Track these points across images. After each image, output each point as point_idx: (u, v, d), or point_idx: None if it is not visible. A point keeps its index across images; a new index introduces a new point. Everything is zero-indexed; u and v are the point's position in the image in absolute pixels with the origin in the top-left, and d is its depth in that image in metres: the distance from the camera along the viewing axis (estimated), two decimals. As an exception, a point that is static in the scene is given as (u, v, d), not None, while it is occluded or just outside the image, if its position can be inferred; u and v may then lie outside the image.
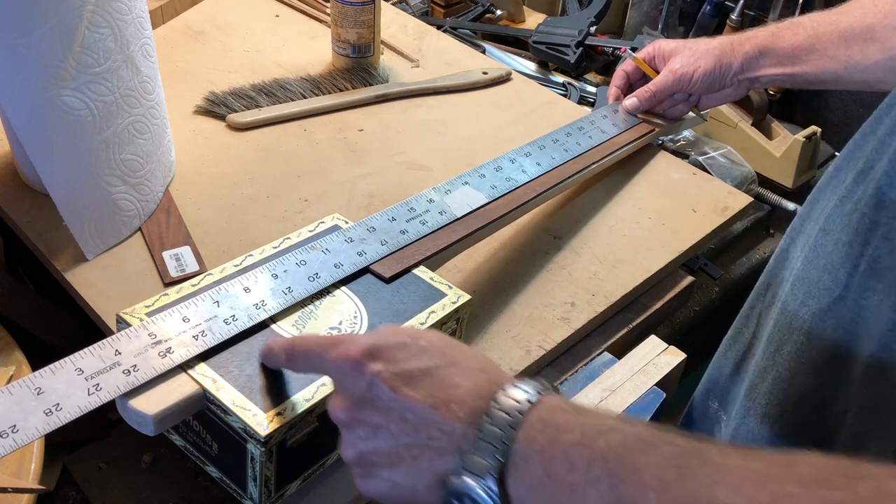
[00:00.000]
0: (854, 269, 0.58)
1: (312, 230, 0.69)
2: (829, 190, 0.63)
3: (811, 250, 0.62)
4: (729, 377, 0.74)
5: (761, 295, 0.71)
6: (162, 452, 0.69)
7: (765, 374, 0.67)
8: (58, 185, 0.73)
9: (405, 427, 0.44)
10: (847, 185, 0.60)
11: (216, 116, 0.96)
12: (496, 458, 0.41)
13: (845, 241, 0.59)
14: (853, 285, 0.59)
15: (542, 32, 1.22)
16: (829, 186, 0.63)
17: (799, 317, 0.63)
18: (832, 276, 0.60)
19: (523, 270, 0.80)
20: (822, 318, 0.61)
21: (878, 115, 0.60)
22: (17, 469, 0.61)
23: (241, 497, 0.57)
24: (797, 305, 0.63)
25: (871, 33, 0.78)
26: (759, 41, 0.86)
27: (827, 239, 0.61)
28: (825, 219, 0.62)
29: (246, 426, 0.52)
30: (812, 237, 0.63)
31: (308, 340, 0.51)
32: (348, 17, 1.01)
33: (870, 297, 0.58)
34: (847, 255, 0.59)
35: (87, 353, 0.53)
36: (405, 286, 0.65)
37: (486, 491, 0.40)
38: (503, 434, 0.41)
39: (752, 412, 0.68)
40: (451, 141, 0.96)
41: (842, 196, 0.60)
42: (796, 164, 1.06)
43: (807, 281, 0.62)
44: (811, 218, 0.65)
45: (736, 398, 0.73)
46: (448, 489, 0.42)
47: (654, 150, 0.97)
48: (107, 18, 0.70)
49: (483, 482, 0.40)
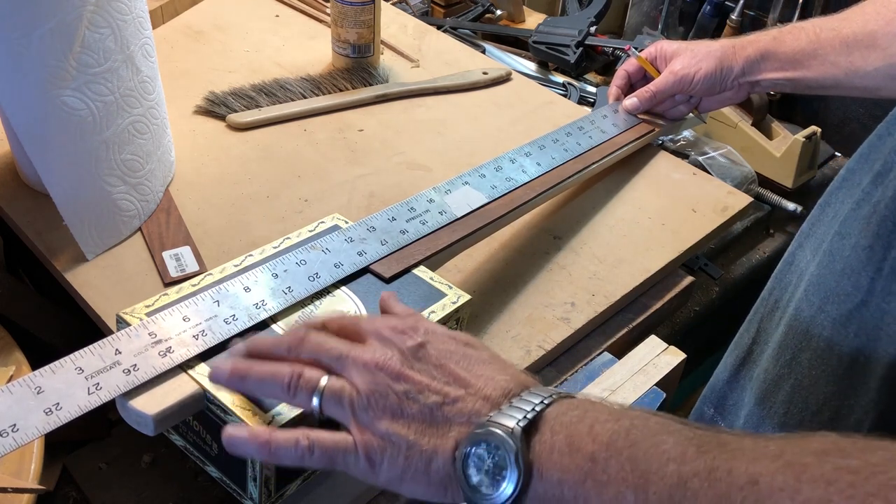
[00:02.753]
0: (877, 273, 0.58)
1: (312, 230, 0.69)
2: (843, 193, 0.62)
3: (826, 255, 0.61)
4: (726, 384, 0.74)
5: (764, 300, 0.71)
6: (162, 452, 0.69)
7: (781, 383, 0.66)
8: (58, 185, 0.73)
9: (444, 392, 0.44)
10: (864, 187, 0.59)
11: (216, 116, 0.96)
12: (525, 418, 0.41)
13: (865, 244, 0.58)
14: (876, 290, 0.58)
15: (542, 32, 1.22)
16: (842, 190, 0.62)
17: (817, 323, 0.62)
18: (853, 280, 0.59)
19: (523, 270, 0.80)
20: (843, 324, 0.60)
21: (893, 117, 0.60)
22: (17, 469, 0.61)
23: (241, 497, 0.57)
24: (814, 311, 0.62)
25: (872, 40, 0.78)
26: (761, 45, 0.86)
27: (844, 243, 0.60)
28: (840, 223, 0.61)
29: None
30: (826, 241, 0.62)
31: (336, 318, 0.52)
32: (348, 17, 1.01)
33: (893, 301, 0.57)
34: (868, 259, 0.58)
35: (87, 353, 0.53)
36: (405, 286, 0.65)
37: (509, 436, 0.41)
38: (535, 405, 0.42)
39: (767, 421, 0.68)
40: (451, 141, 0.96)
41: (858, 199, 0.60)
42: (796, 164, 1.06)
43: (823, 286, 0.61)
44: (822, 222, 0.65)
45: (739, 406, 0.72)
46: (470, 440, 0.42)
47: (654, 150, 0.97)
48: (107, 18, 0.70)
49: (508, 432, 0.41)
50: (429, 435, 0.44)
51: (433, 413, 0.44)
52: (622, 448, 0.39)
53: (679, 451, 0.37)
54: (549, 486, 0.40)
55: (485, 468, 0.41)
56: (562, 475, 0.40)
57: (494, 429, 0.41)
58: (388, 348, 0.46)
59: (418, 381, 0.45)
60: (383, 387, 0.45)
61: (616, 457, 0.39)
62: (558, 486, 0.40)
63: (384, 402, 0.45)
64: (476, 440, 0.42)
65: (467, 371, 0.45)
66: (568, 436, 0.41)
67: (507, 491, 0.40)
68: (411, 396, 0.44)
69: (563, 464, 0.40)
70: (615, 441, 0.39)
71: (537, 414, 0.42)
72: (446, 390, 0.45)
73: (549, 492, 0.40)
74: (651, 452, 0.38)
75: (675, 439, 0.38)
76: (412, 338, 0.47)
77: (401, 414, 0.44)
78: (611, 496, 0.38)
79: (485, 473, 0.41)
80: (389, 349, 0.46)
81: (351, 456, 0.45)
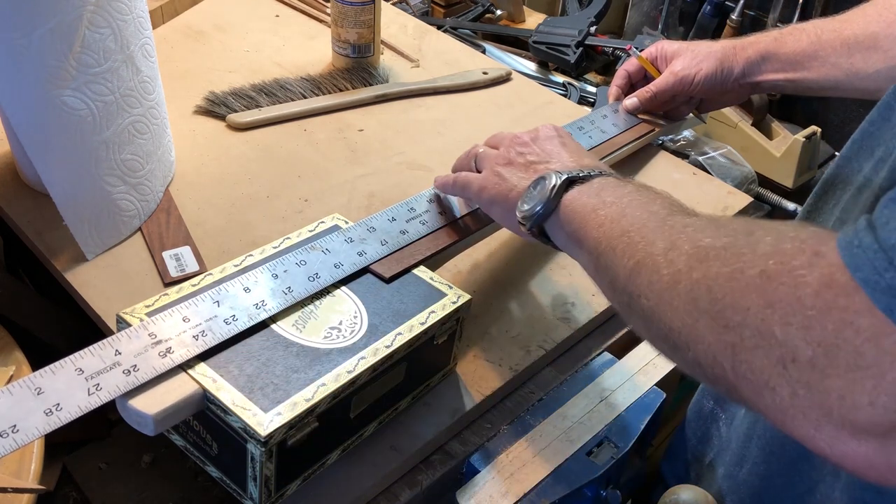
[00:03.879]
0: None
1: (312, 230, 0.69)
2: (841, 181, 0.62)
3: None
4: None
5: None
6: (162, 452, 0.69)
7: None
8: (58, 185, 0.73)
9: (542, 156, 0.67)
10: (865, 173, 0.59)
11: (216, 116, 0.96)
12: (569, 176, 0.61)
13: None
14: None
15: (542, 32, 1.22)
16: (840, 178, 0.62)
17: None
18: None
19: (523, 270, 0.80)
20: None
21: (887, 102, 0.59)
22: (17, 469, 0.61)
23: (241, 497, 0.57)
24: None
25: (874, 42, 0.78)
26: (761, 46, 0.86)
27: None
28: (841, 209, 0.61)
29: (246, 426, 0.52)
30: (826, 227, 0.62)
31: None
32: (348, 17, 1.01)
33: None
34: None
35: (87, 353, 0.53)
36: (405, 286, 0.65)
37: (557, 177, 0.61)
38: (584, 174, 0.61)
39: None
40: (451, 141, 0.96)
41: (859, 185, 0.60)
42: (796, 164, 1.06)
43: None
44: (822, 211, 0.64)
45: None
46: (537, 180, 0.62)
47: (654, 150, 0.97)
48: (107, 18, 0.70)
49: (559, 176, 0.61)
50: (520, 178, 0.66)
51: (528, 167, 0.66)
52: (615, 217, 0.54)
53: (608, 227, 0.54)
54: (566, 216, 0.59)
55: (533, 194, 0.62)
56: (573, 213, 0.59)
57: (551, 174, 0.61)
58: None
59: (529, 149, 0.68)
60: (507, 151, 0.69)
61: (601, 215, 0.56)
62: (565, 224, 0.59)
63: (506, 156, 0.68)
64: (536, 181, 0.63)
65: (558, 151, 0.67)
66: (591, 194, 0.59)
67: (537, 209, 0.61)
68: (522, 153, 0.68)
69: (577, 206, 0.59)
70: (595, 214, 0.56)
71: (581, 178, 0.61)
72: (542, 156, 0.67)
73: (565, 218, 0.59)
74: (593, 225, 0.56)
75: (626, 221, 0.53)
76: (527, 134, 0.71)
77: (510, 163, 0.68)
78: (591, 235, 0.56)
79: (530, 198, 0.62)
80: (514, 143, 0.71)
81: (474, 184, 0.69)
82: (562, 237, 0.61)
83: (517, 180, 0.66)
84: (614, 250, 0.52)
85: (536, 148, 0.68)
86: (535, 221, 0.61)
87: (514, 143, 0.70)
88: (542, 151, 0.68)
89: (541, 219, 0.61)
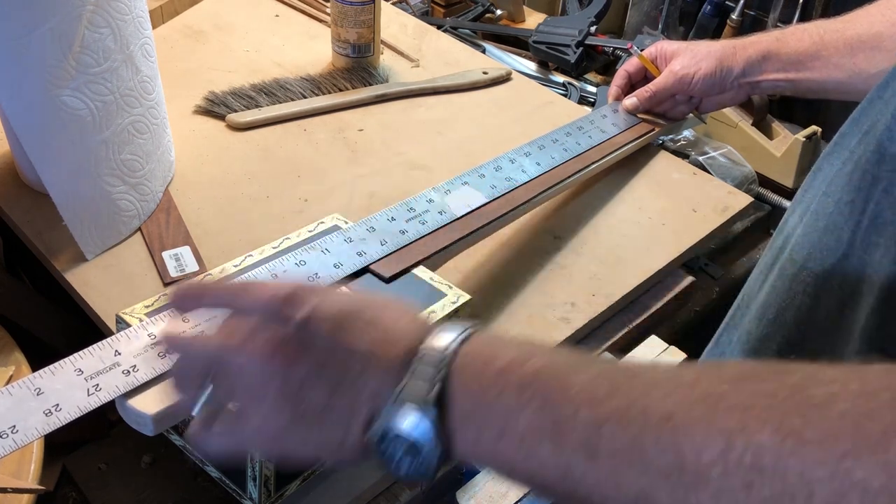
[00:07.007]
0: (857, 227, 0.58)
1: (312, 230, 0.69)
2: (833, 157, 0.62)
3: (812, 215, 0.62)
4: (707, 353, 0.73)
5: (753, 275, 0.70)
6: (162, 452, 0.69)
7: (768, 342, 0.65)
8: (58, 185, 0.73)
9: (345, 366, 0.41)
10: (851, 147, 0.59)
11: (216, 116, 0.96)
12: (432, 389, 0.39)
13: (847, 200, 0.58)
14: (856, 242, 0.58)
15: (542, 32, 1.22)
16: (833, 154, 0.62)
17: (799, 280, 0.62)
18: (835, 235, 0.59)
19: (523, 270, 0.80)
20: (826, 278, 0.60)
21: (885, 81, 0.59)
22: (16, 469, 0.61)
23: (240, 497, 0.57)
24: (796, 270, 0.62)
25: (878, 42, 0.77)
26: (762, 46, 0.86)
27: (828, 201, 0.60)
28: (828, 183, 0.61)
29: (246, 426, 0.52)
30: (814, 203, 0.62)
31: (211, 284, 0.49)
32: (348, 16, 1.01)
33: (873, 253, 0.58)
34: (850, 214, 0.58)
35: (86, 354, 0.53)
36: (405, 286, 0.65)
37: (424, 415, 0.39)
38: (437, 366, 0.40)
39: None
40: (451, 141, 0.96)
41: (845, 159, 0.60)
42: (797, 164, 1.06)
43: (807, 244, 0.61)
44: (812, 187, 0.65)
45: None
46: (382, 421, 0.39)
47: (654, 150, 0.97)
48: (107, 18, 0.70)
49: (422, 408, 0.39)
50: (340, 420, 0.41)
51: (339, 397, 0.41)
52: (531, 398, 0.37)
53: (590, 394, 0.36)
54: (466, 450, 0.39)
55: (404, 449, 0.39)
56: (477, 436, 0.39)
57: (408, 410, 0.39)
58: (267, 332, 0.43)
59: (319, 362, 0.42)
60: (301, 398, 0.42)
61: (526, 406, 0.37)
62: (474, 447, 0.39)
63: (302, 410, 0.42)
64: (386, 425, 0.39)
65: (364, 336, 0.42)
66: (476, 393, 0.39)
67: (432, 463, 0.39)
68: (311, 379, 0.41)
69: (478, 422, 0.39)
70: (523, 391, 0.37)
71: (444, 378, 0.39)
72: (346, 369, 0.41)
73: (469, 452, 0.39)
74: (561, 400, 0.36)
75: (587, 378, 0.37)
76: (295, 314, 0.42)
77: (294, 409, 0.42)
78: (525, 454, 0.37)
79: (404, 452, 0.39)
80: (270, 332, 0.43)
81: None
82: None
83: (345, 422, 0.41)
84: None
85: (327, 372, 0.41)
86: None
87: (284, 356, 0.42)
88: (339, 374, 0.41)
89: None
